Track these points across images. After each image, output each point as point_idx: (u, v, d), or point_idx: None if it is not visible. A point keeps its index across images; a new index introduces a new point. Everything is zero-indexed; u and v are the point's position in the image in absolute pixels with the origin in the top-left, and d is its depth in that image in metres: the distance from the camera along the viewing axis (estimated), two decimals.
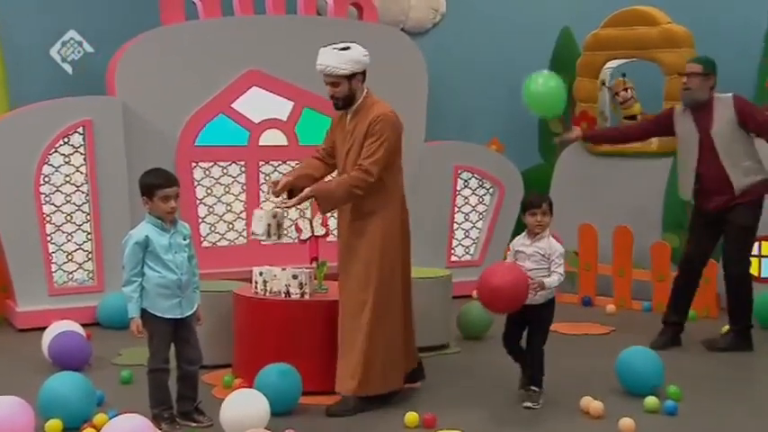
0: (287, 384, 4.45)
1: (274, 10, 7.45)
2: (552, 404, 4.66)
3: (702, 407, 4.61)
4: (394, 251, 4.54)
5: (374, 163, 4.40)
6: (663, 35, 7.42)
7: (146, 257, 4.08)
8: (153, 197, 4.09)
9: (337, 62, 4.45)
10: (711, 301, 6.96)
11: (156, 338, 4.17)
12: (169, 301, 4.12)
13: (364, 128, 4.48)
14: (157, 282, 4.08)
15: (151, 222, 4.13)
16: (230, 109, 7.29)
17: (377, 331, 4.50)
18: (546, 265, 4.57)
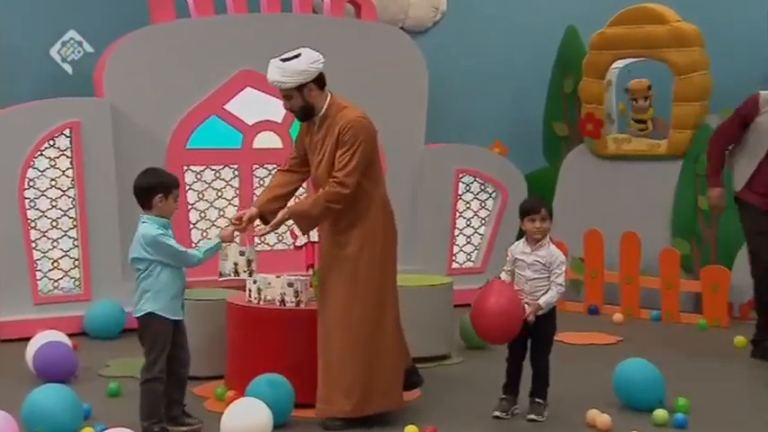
0: (278, 395, 4.32)
1: (269, 8, 7.32)
2: (557, 417, 4.55)
3: (712, 419, 4.49)
4: (378, 259, 4.39)
5: (348, 174, 4.25)
6: (672, 34, 7.24)
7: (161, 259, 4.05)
8: (169, 196, 4.06)
9: (281, 76, 4.34)
10: (722, 309, 6.76)
11: (160, 346, 4.09)
12: (177, 303, 4.12)
13: (334, 137, 4.34)
14: (170, 283, 4.07)
15: (157, 223, 4.07)
16: (223, 110, 7.14)
17: (371, 347, 4.35)
18: (546, 275, 4.45)
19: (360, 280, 4.34)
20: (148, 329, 4.07)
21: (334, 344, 4.35)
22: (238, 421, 3.98)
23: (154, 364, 4.07)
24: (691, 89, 7.18)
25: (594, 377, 5.30)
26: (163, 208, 4.06)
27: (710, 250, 7.15)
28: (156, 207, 4.06)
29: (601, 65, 7.57)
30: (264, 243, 7.34)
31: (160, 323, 4.07)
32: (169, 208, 4.07)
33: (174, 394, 4.21)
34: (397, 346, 4.51)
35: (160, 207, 4.05)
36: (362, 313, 4.34)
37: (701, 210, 7.20)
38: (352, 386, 4.31)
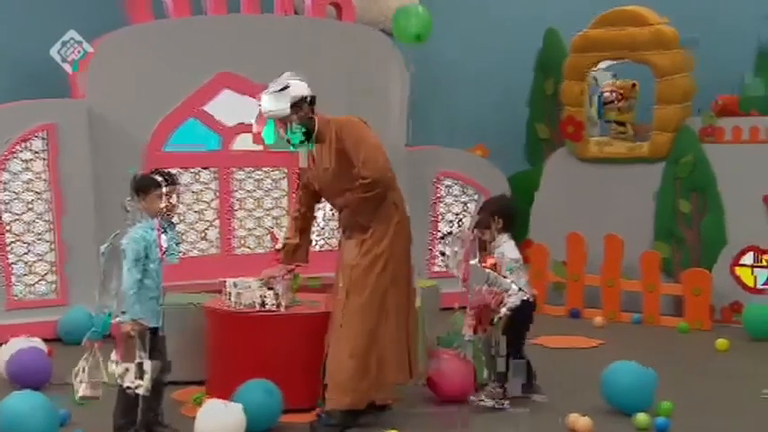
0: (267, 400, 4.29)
1: (249, 9, 7.25)
2: (538, 420, 4.53)
3: (694, 424, 4.47)
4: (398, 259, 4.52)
5: (364, 166, 4.38)
6: (653, 36, 7.23)
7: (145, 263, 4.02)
8: (148, 195, 4.06)
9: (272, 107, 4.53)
10: (704, 312, 6.75)
11: (142, 351, 4.03)
12: (155, 309, 4.07)
13: (332, 148, 4.47)
14: (147, 289, 4.02)
15: (147, 224, 4.06)
16: (201, 112, 7.07)
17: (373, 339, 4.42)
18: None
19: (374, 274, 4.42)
20: (128, 336, 4.02)
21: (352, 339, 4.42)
22: (213, 422, 3.95)
23: (132, 370, 3.99)
24: (672, 91, 7.18)
25: (575, 380, 5.27)
26: (146, 207, 4.04)
27: (691, 253, 7.15)
28: (143, 207, 4.05)
29: (582, 67, 7.55)
30: (245, 247, 7.26)
31: (138, 330, 4.01)
32: (153, 207, 4.02)
33: (149, 400, 4.12)
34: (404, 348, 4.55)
35: (143, 206, 4.04)
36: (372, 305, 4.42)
37: (681, 213, 7.19)
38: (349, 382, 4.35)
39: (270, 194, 7.35)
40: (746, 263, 6.82)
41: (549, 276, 7.44)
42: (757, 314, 6.39)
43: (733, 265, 6.85)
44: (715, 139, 7.13)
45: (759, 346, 6.22)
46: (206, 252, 7.13)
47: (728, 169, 7.02)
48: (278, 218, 7.31)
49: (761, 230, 6.82)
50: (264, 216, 7.32)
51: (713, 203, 7.07)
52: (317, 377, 4.54)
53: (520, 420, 4.57)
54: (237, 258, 7.12)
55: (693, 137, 7.17)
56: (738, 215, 6.97)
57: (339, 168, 4.46)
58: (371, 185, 4.38)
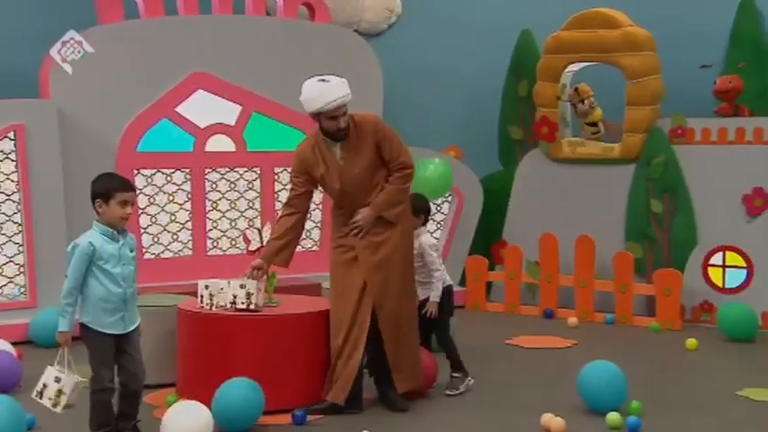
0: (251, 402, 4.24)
1: (221, 9, 7.22)
2: (512, 421, 4.52)
3: (666, 423, 4.49)
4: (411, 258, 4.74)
5: (404, 153, 4.64)
6: (624, 38, 7.28)
7: (91, 268, 3.86)
8: (110, 201, 3.87)
9: (343, 91, 4.55)
10: (675, 313, 6.80)
11: (99, 356, 3.92)
12: (112, 317, 3.90)
13: (368, 143, 4.58)
14: (102, 296, 3.87)
15: (100, 231, 3.90)
16: (174, 113, 7.02)
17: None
18: (422, 261, 4.90)
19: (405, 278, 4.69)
20: (85, 340, 3.93)
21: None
22: (180, 423, 3.91)
23: (98, 375, 3.93)
24: (643, 93, 7.24)
25: (550, 381, 5.29)
26: (104, 214, 3.90)
27: (663, 254, 7.21)
28: (98, 214, 3.92)
29: (555, 69, 7.59)
30: (218, 248, 7.22)
31: (93, 336, 3.89)
32: (112, 214, 3.87)
33: (121, 407, 4.05)
34: None
35: (101, 213, 3.91)
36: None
37: (653, 213, 7.25)
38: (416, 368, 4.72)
39: (244, 196, 7.31)
40: (717, 263, 6.89)
41: (524, 277, 7.47)
42: (732, 314, 6.44)
43: (704, 266, 6.92)
44: (685, 140, 7.20)
45: (729, 346, 6.27)
46: (179, 254, 7.08)
47: (698, 170, 7.09)
48: (252, 219, 7.28)
49: (731, 230, 6.88)
50: (239, 218, 7.28)
51: (684, 204, 7.14)
52: (292, 378, 4.53)
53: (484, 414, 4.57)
54: (211, 260, 7.08)
55: (664, 138, 7.24)
56: (708, 215, 7.04)
57: (374, 162, 4.59)
58: (412, 174, 4.66)
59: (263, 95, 7.27)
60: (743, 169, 6.91)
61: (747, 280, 6.76)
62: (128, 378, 4.00)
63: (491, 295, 7.69)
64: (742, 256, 6.78)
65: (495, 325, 6.97)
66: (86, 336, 3.90)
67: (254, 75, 7.23)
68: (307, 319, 4.68)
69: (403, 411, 4.61)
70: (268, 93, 7.29)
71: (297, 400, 4.53)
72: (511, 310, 7.49)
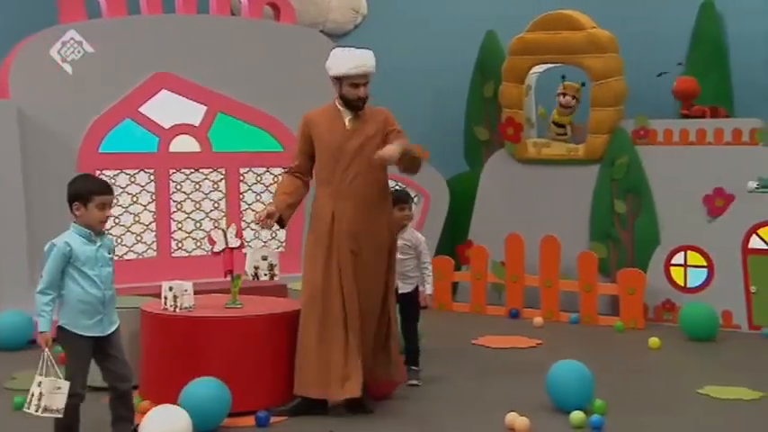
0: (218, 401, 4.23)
1: (185, 9, 7.17)
2: (477, 420, 4.54)
3: (628, 421, 4.53)
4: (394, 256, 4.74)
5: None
6: (588, 40, 7.34)
7: (68, 270, 3.81)
8: (88, 203, 3.83)
9: (371, 60, 4.71)
10: (638, 312, 6.87)
11: (75, 359, 3.85)
12: (91, 319, 3.85)
13: (373, 129, 4.64)
14: (80, 298, 3.82)
15: (77, 232, 3.85)
16: (138, 113, 6.96)
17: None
18: (413, 254, 5.08)
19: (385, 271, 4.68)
20: (62, 342, 3.88)
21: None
22: (158, 428, 3.87)
23: (72, 378, 3.84)
24: (607, 94, 7.30)
25: (515, 380, 5.31)
26: (82, 217, 3.86)
27: (627, 253, 7.28)
28: (76, 216, 3.88)
29: (520, 70, 7.63)
30: (182, 249, 7.16)
31: (70, 337, 3.86)
32: (90, 217, 3.83)
33: (117, 411, 3.98)
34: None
35: (79, 216, 3.87)
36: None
37: (617, 213, 7.32)
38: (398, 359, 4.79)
39: (209, 197, 7.26)
40: (678, 262, 6.97)
41: (489, 277, 7.50)
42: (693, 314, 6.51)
43: (666, 265, 7.00)
44: (648, 140, 7.28)
45: (690, 345, 6.35)
46: (142, 255, 7.00)
47: (660, 170, 7.18)
48: (217, 220, 7.23)
49: (692, 230, 6.97)
50: (204, 219, 7.22)
51: (646, 204, 7.22)
52: (256, 380, 4.50)
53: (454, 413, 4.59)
54: (176, 261, 7.02)
55: (627, 139, 7.31)
56: (670, 215, 7.13)
57: (377, 144, 4.58)
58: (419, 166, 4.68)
59: (228, 95, 7.22)
60: (704, 170, 7.01)
61: (708, 279, 6.85)
62: (115, 380, 3.95)
63: (457, 295, 7.72)
64: (703, 255, 6.87)
65: (462, 325, 7.00)
66: (63, 338, 3.85)
67: (219, 75, 7.18)
68: (271, 321, 4.66)
69: (370, 413, 4.61)
70: (233, 93, 7.25)
71: (261, 401, 4.50)
72: (477, 311, 7.52)
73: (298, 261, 7.42)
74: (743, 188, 6.76)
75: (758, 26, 7.69)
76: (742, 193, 6.78)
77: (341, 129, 4.65)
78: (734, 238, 6.71)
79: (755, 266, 6.66)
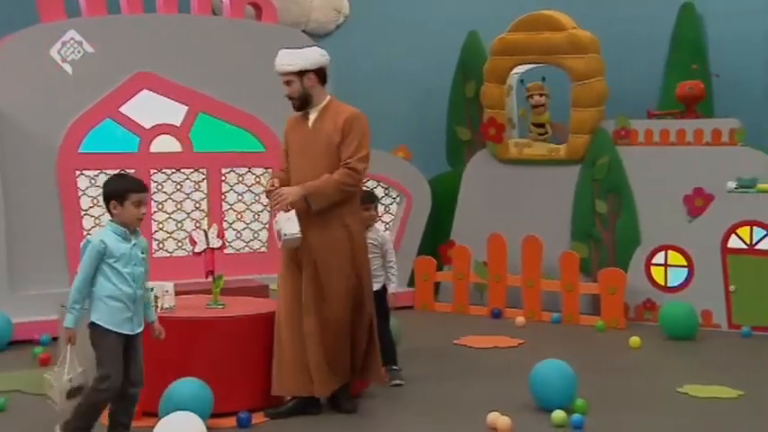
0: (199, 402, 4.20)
1: (166, 8, 7.12)
2: (459, 420, 4.55)
3: (609, 420, 4.55)
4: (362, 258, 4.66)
5: (360, 160, 4.54)
6: (569, 40, 7.36)
7: (101, 267, 3.84)
8: (125, 201, 3.88)
9: (287, 60, 4.63)
10: (619, 311, 6.91)
11: (108, 355, 3.85)
12: (122, 315, 3.88)
13: (333, 127, 4.57)
14: (111, 294, 3.85)
15: (113, 230, 3.90)
16: (118, 113, 6.93)
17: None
18: (379, 253, 5.12)
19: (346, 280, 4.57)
20: (94, 339, 3.86)
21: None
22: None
23: (105, 378, 3.83)
24: (588, 95, 7.33)
25: (497, 380, 5.32)
26: (118, 215, 3.89)
27: (608, 253, 7.31)
28: (113, 214, 3.91)
29: (502, 70, 7.64)
30: (163, 250, 7.12)
31: (103, 334, 3.84)
32: (127, 214, 3.87)
33: (119, 416, 3.96)
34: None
35: (116, 214, 3.90)
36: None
37: (598, 213, 7.35)
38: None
39: (191, 197, 7.23)
40: (659, 262, 7.01)
41: (471, 277, 7.51)
42: (673, 313, 6.55)
43: (647, 265, 7.04)
44: (629, 141, 7.32)
45: (670, 344, 6.39)
46: None
47: (641, 170, 7.22)
48: (199, 221, 7.19)
49: (673, 230, 7.01)
50: (185, 219, 7.19)
51: (627, 204, 7.26)
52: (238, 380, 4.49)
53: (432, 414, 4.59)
54: (156, 262, 6.94)
55: (608, 139, 7.35)
56: (651, 215, 7.17)
57: (335, 142, 4.55)
58: (355, 180, 4.53)
59: (209, 95, 7.19)
60: (684, 170, 7.05)
61: (688, 278, 6.90)
62: (128, 382, 3.94)
63: (439, 295, 7.72)
64: (683, 255, 6.92)
65: (444, 325, 7.00)
66: (96, 335, 3.85)
67: (201, 75, 7.16)
68: (253, 321, 4.64)
69: (351, 413, 4.61)
70: (215, 93, 7.22)
71: (243, 402, 4.48)
72: (459, 311, 7.53)
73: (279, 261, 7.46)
74: (722, 188, 6.81)
75: (737, 27, 7.76)
76: (721, 193, 6.83)
77: (306, 129, 4.67)
78: (713, 238, 6.76)
79: (735, 266, 6.72)
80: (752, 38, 7.72)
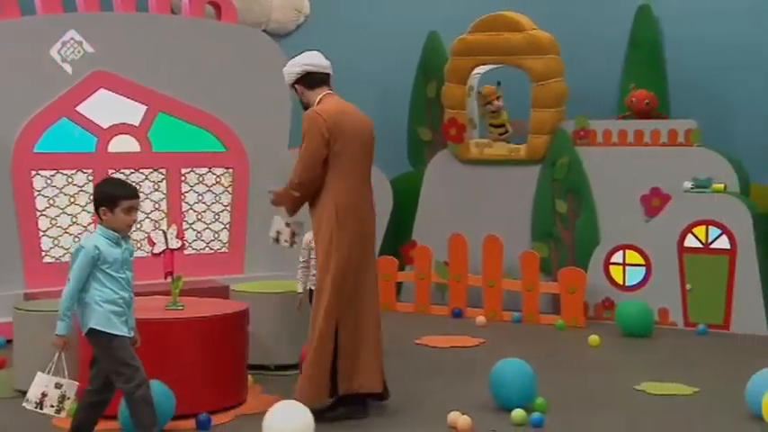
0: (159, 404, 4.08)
1: (123, 7, 7.03)
2: (419, 420, 4.55)
3: (568, 418, 4.59)
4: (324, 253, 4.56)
5: (293, 170, 4.60)
6: (528, 41, 7.41)
7: (94, 273, 3.79)
8: (115, 208, 3.83)
9: (288, 71, 4.79)
10: (579, 310, 6.97)
11: (122, 355, 3.80)
12: (119, 319, 3.84)
13: None
14: (110, 299, 3.81)
15: (104, 235, 3.84)
16: (75, 113, 6.82)
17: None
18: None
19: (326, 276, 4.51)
20: (98, 347, 3.82)
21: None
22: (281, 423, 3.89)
23: (128, 373, 3.79)
24: (547, 95, 7.39)
25: (458, 379, 5.34)
26: (109, 221, 3.83)
27: (568, 253, 7.38)
28: (102, 220, 3.86)
29: (462, 71, 7.67)
30: None
31: (107, 338, 3.78)
32: (118, 221, 3.82)
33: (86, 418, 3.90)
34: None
35: (106, 220, 3.84)
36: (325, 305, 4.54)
37: (558, 213, 7.41)
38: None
39: (150, 197, 7.15)
40: (617, 261, 7.09)
41: (433, 277, 7.53)
42: (628, 311, 6.63)
43: (605, 264, 7.11)
44: (588, 141, 7.39)
45: (628, 342, 6.46)
46: None
47: (600, 171, 7.29)
48: (158, 221, 7.12)
49: (630, 229, 7.09)
50: (144, 220, 7.11)
51: (587, 204, 7.33)
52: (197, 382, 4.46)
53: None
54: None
55: (568, 139, 7.41)
56: (609, 215, 7.24)
57: None
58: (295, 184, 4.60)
59: (168, 95, 7.12)
60: (641, 170, 7.14)
61: (646, 278, 6.99)
62: (107, 387, 3.89)
63: (401, 295, 7.73)
64: (641, 254, 7.00)
65: (405, 325, 7.00)
66: (100, 341, 3.79)
67: (160, 74, 7.08)
68: (213, 322, 4.61)
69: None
70: (174, 92, 7.14)
71: (203, 404, 4.44)
72: (420, 310, 7.54)
73: (240, 262, 7.42)
74: (679, 188, 6.92)
75: (693, 29, 7.87)
76: (678, 193, 6.93)
77: None
78: (670, 237, 6.85)
79: (691, 265, 6.82)
80: (708, 39, 7.84)
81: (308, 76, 4.68)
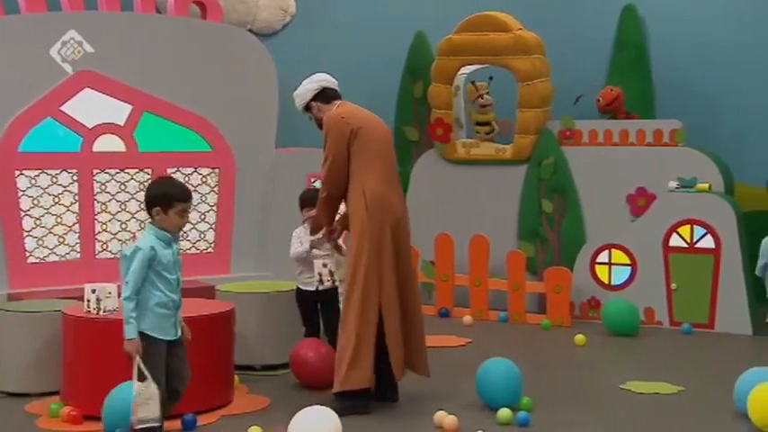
0: None
1: (108, 6, 6.99)
2: (406, 419, 4.56)
3: (554, 417, 4.60)
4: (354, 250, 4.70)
5: (322, 167, 4.81)
6: (514, 41, 7.43)
7: (149, 274, 3.83)
8: (170, 209, 3.86)
9: (296, 103, 5.04)
10: (565, 310, 6.99)
11: (155, 363, 3.85)
12: (169, 322, 3.89)
13: None
14: (161, 301, 3.85)
15: (156, 235, 3.88)
16: (60, 112, 6.77)
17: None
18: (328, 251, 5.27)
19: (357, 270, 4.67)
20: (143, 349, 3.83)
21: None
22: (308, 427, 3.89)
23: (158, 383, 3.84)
24: (533, 95, 7.41)
25: (444, 379, 5.33)
26: (161, 221, 3.86)
27: (554, 252, 7.40)
28: (154, 220, 3.87)
29: (449, 71, 7.68)
30: (107, 251, 6.99)
31: (152, 343, 3.84)
32: (170, 222, 3.86)
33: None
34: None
35: (158, 220, 3.86)
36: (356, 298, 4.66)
37: (544, 213, 7.43)
38: None
39: (135, 197, 7.11)
40: (603, 261, 7.12)
41: (419, 276, 7.52)
42: (614, 311, 6.66)
43: (591, 263, 7.14)
44: (573, 141, 7.42)
45: (614, 341, 6.49)
46: (65, 257, 6.81)
47: (586, 170, 7.32)
48: (143, 221, 7.08)
49: (616, 229, 7.12)
50: (130, 220, 7.07)
51: (572, 204, 7.36)
52: None
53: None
54: (100, 263, 6.85)
55: (553, 140, 7.43)
56: (595, 215, 7.27)
57: None
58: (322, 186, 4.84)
59: (154, 95, 7.09)
60: (627, 170, 7.17)
61: (632, 277, 7.02)
62: (179, 382, 3.96)
63: None
64: (626, 253, 7.03)
65: None
66: (144, 344, 3.81)
67: (145, 74, 7.04)
68: (198, 323, 4.56)
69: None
70: (159, 92, 7.11)
71: (188, 404, 4.41)
72: None
73: (226, 262, 7.40)
74: (664, 188, 6.95)
75: (678, 29, 7.91)
76: (663, 193, 6.97)
77: None
78: (656, 237, 6.88)
79: (676, 264, 6.85)
80: (693, 40, 7.88)
81: (324, 91, 4.95)
